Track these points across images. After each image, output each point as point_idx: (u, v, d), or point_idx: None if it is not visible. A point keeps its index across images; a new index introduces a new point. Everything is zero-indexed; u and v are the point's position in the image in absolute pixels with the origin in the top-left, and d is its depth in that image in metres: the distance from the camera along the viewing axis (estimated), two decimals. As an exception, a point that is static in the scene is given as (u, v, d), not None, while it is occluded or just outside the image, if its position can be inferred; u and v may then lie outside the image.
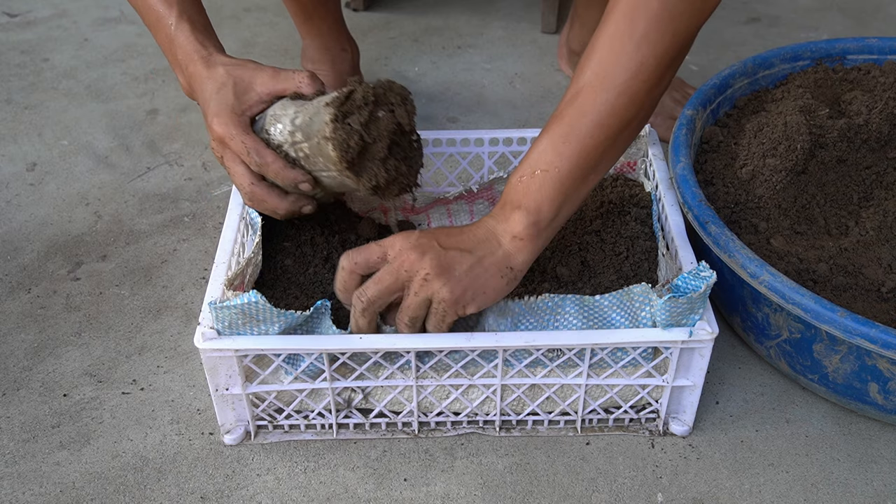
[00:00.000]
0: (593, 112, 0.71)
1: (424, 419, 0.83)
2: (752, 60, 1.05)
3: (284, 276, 0.86)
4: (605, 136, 0.72)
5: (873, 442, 0.84)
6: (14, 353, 0.93)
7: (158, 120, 1.29)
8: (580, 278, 0.85)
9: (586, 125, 0.71)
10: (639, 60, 0.69)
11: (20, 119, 1.30)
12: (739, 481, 0.80)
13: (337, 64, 1.23)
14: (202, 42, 0.82)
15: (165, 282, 1.02)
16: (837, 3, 1.58)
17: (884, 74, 1.04)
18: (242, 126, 0.78)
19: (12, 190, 1.16)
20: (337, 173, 0.76)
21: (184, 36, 0.81)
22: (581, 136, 0.71)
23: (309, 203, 0.83)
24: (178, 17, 0.82)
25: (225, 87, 0.79)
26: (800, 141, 0.89)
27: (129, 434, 0.84)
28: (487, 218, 0.75)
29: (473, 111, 1.31)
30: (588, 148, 0.72)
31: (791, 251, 0.85)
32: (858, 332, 0.72)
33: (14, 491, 0.79)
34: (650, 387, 0.80)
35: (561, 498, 0.79)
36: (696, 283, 0.73)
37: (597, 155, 0.73)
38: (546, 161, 0.72)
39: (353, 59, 1.27)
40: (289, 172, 0.78)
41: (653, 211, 0.91)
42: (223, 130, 0.78)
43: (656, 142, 0.98)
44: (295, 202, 0.81)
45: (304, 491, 0.79)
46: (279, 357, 0.76)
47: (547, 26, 1.49)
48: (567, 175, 0.72)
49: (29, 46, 1.47)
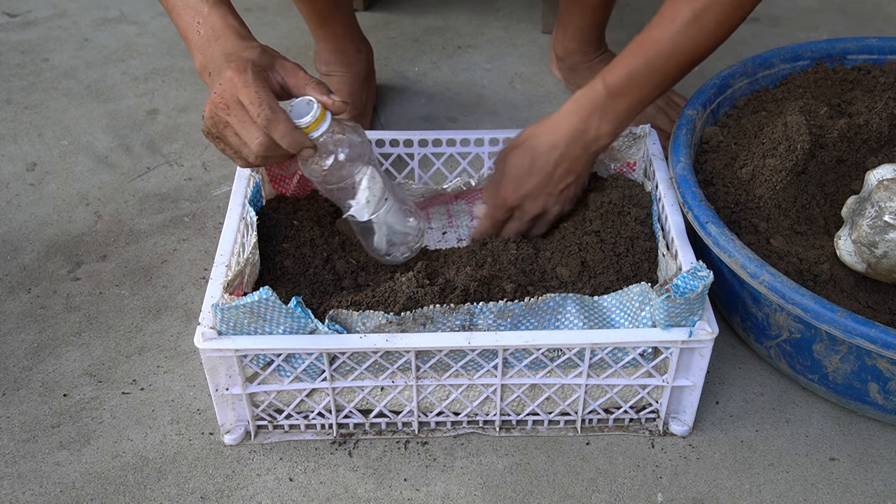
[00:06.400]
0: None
1: (424, 419, 0.83)
2: (752, 60, 1.05)
3: (284, 278, 0.86)
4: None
5: (873, 442, 0.84)
6: (14, 353, 0.93)
7: (158, 120, 1.29)
8: (580, 278, 0.85)
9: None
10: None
11: (20, 119, 1.30)
12: (739, 481, 0.80)
13: (352, 66, 1.22)
14: (239, 24, 0.81)
15: (165, 282, 1.02)
16: (837, 3, 1.58)
17: (884, 74, 1.04)
18: (261, 79, 0.76)
19: (12, 190, 1.16)
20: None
21: (219, 17, 0.79)
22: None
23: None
24: (214, 3, 0.80)
25: (253, 50, 0.77)
26: (800, 141, 0.89)
27: (129, 434, 0.84)
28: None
29: (473, 111, 1.31)
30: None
31: (791, 251, 0.85)
32: (858, 332, 0.72)
33: (14, 491, 0.79)
34: (650, 387, 0.80)
35: (561, 498, 0.79)
36: (695, 283, 0.73)
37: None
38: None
39: (368, 59, 1.26)
40: (297, 135, 0.77)
41: (653, 211, 0.91)
42: (239, 77, 0.74)
43: (656, 142, 0.98)
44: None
45: (304, 491, 0.79)
46: (279, 357, 0.76)
47: (547, 26, 1.49)
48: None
49: (29, 46, 1.47)
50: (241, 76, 0.74)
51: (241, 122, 0.75)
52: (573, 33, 1.25)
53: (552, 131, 0.88)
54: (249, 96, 0.74)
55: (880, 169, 0.82)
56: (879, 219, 0.77)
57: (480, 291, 0.80)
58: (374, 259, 0.92)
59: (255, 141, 0.75)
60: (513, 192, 0.90)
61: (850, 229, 0.81)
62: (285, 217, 0.92)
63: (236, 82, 0.74)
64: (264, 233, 0.88)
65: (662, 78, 0.85)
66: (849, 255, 0.82)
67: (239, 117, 0.75)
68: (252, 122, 0.75)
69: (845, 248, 0.82)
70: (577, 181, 0.91)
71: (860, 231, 0.79)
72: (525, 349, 0.76)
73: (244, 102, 0.74)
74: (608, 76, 0.85)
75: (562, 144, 0.87)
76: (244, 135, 0.76)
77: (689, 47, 0.83)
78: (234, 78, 0.74)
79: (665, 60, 0.84)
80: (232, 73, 0.74)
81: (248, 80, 0.74)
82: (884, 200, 0.78)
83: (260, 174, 0.92)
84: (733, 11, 0.83)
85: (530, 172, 0.89)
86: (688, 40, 0.83)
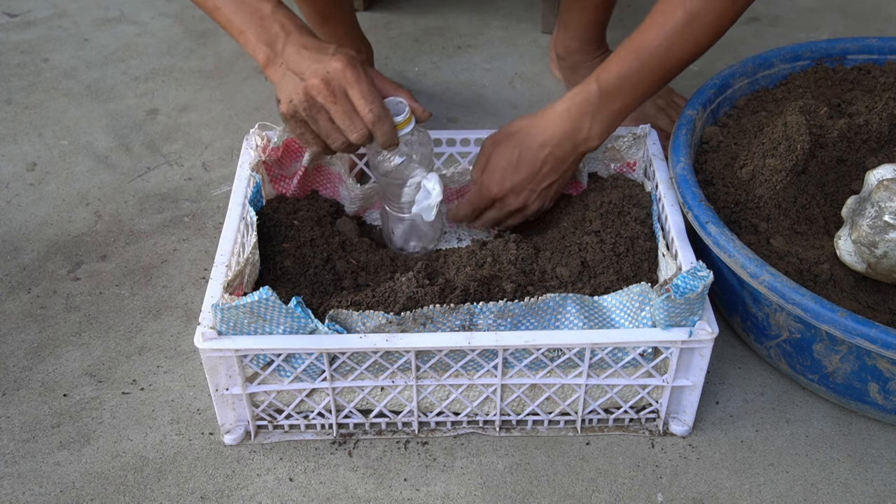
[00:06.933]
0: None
1: (424, 419, 0.83)
2: (752, 60, 1.05)
3: (284, 278, 0.86)
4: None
5: (873, 442, 0.84)
6: (14, 353, 0.93)
7: (158, 120, 1.29)
8: (580, 278, 0.85)
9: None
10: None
11: (20, 119, 1.30)
12: (739, 481, 0.80)
13: None
14: (303, 22, 0.84)
15: (165, 282, 1.02)
16: (837, 3, 1.58)
17: (884, 74, 1.04)
18: (370, 77, 0.80)
19: (12, 190, 1.16)
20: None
21: (286, 17, 0.83)
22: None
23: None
24: (276, 3, 0.83)
25: (348, 48, 0.81)
26: (800, 141, 0.89)
27: (129, 434, 0.84)
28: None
29: (473, 111, 1.31)
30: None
31: (791, 251, 0.85)
32: (858, 332, 0.72)
33: (14, 491, 0.79)
34: (650, 387, 0.80)
35: (561, 498, 0.79)
36: (695, 283, 0.73)
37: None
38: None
39: (368, 59, 1.26)
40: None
41: (653, 211, 0.91)
42: (352, 72, 0.78)
43: (656, 142, 0.98)
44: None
45: (304, 491, 0.79)
46: (279, 357, 0.76)
47: (547, 26, 1.49)
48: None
49: (29, 46, 1.47)
50: (353, 71, 0.78)
51: (346, 112, 0.79)
52: (574, 31, 1.25)
53: (543, 129, 0.89)
54: (363, 91, 0.78)
55: (880, 169, 0.82)
56: (879, 219, 0.77)
57: (480, 291, 0.80)
58: (374, 259, 0.92)
59: (357, 132, 0.80)
60: (497, 185, 0.91)
61: (850, 229, 0.81)
62: (285, 217, 0.92)
63: (349, 76, 0.78)
64: (264, 233, 0.88)
65: (655, 79, 0.86)
66: (849, 255, 0.82)
67: (344, 107, 0.79)
68: (356, 114, 0.79)
69: (845, 248, 0.82)
70: (560, 179, 0.92)
71: (860, 231, 0.79)
72: (525, 349, 0.76)
73: (353, 95, 0.78)
74: (602, 76, 0.86)
75: (551, 143, 0.89)
76: (345, 124, 0.80)
77: (681, 50, 0.84)
78: (347, 71, 0.78)
79: (658, 62, 0.85)
80: (343, 66, 0.78)
81: (361, 76, 0.78)
82: (884, 200, 0.78)
83: (260, 174, 0.92)
84: (725, 15, 0.84)
85: (517, 168, 0.90)
86: (681, 43, 0.84)
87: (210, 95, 1.34)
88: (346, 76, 0.78)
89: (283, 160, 0.97)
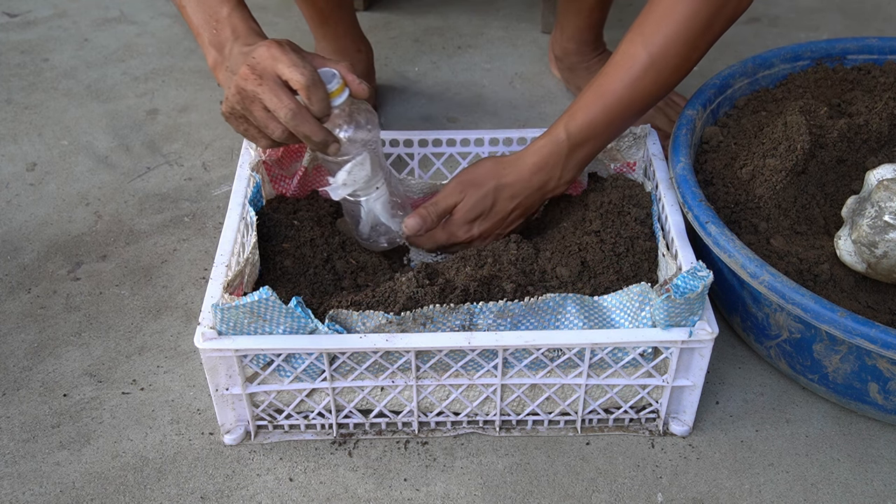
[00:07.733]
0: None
1: (424, 419, 0.83)
2: (752, 60, 1.05)
3: (284, 278, 0.86)
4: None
5: (873, 442, 0.84)
6: (14, 353, 0.93)
7: (158, 120, 1.29)
8: (580, 278, 0.85)
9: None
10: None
11: (20, 119, 1.30)
12: (739, 481, 0.80)
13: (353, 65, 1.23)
14: (258, 27, 0.83)
15: (165, 282, 1.02)
16: (837, 3, 1.58)
17: (884, 74, 1.04)
18: (299, 50, 0.79)
19: (12, 190, 1.16)
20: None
21: (240, 19, 0.82)
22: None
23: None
24: (234, 5, 0.82)
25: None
26: (800, 141, 0.89)
27: (129, 434, 0.84)
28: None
29: (473, 111, 1.31)
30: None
31: (791, 251, 0.85)
32: (858, 332, 0.72)
33: (14, 491, 0.79)
34: (650, 387, 0.80)
35: (561, 498, 0.79)
36: (695, 283, 0.73)
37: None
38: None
39: (368, 59, 1.26)
40: (328, 102, 0.79)
41: (653, 211, 0.91)
42: (278, 48, 0.76)
43: (656, 142, 0.98)
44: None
45: (304, 491, 0.79)
46: (279, 357, 0.76)
47: (547, 26, 1.49)
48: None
49: (29, 46, 1.47)
50: (279, 48, 0.76)
51: (273, 90, 0.76)
52: (570, 34, 1.25)
53: (513, 183, 0.90)
54: (291, 60, 0.76)
55: (880, 169, 0.82)
56: (879, 219, 0.77)
57: (480, 291, 0.80)
58: (374, 259, 0.92)
59: (285, 108, 0.76)
60: (465, 233, 0.92)
61: (850, 229, 0.81)
62: (285, 217, 0.92)
63: (275, 52, 0.76)
64: (264, 233, 0.88)
65: (621, 123, 0.88)
66: (849, 255, 0.82)
67: (271, 87, 0.76)
68: (284, 92, 0.76)
69: (845, 248, 0.82)
70: (525, 220, 0.94)
71: (860, 231, 0.79)
72: (525, 349, 0.76)
73: (281, 69, 0.76)
74: (570, 125, 0.87)
75: (521, 195, 0.90)
76: (273, 104, 0.76)
77: (646, 92, 0.85)
78: (272, 50, 0.76)
79: (624, 107, 0.86)
80: (267, 48, 0.76)
81: (288, 50, 0.77)
82: (884, 200, 0.78)
83: (260, 174, 0.92)
84: (689, 53, 0.83)
85: (486, 218, 0.91)
86: (646, 86, 0.84)
87: (210, 95, 1.34)
88: (272, 53, 0.76)
89: (283, 160, 0.97)
